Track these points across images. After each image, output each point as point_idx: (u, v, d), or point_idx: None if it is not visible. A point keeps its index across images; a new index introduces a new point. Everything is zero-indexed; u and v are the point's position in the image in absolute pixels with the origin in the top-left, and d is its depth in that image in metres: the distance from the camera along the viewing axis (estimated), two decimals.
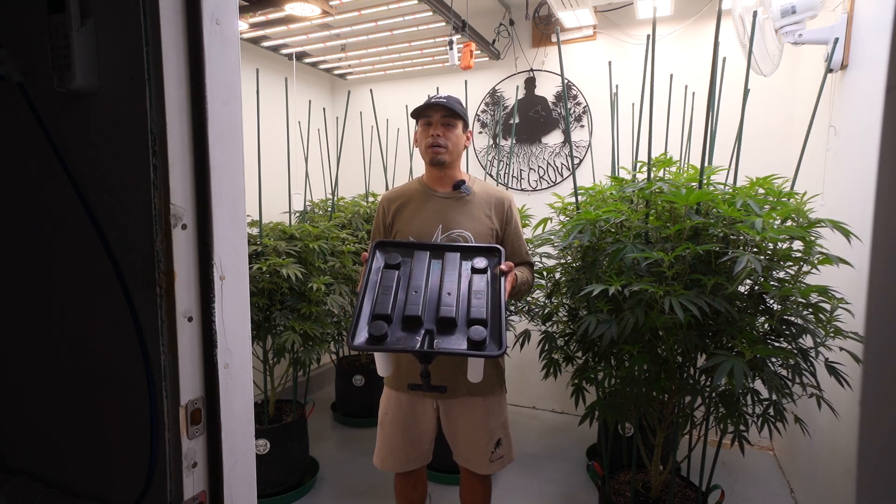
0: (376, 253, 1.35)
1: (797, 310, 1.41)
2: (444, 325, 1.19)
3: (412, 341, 1.16)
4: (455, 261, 1.33)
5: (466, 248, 1.38)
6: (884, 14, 1.66)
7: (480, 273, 1.31)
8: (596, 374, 1.72)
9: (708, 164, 1.54)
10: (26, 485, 0.81)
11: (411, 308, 1.20)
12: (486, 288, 1.27)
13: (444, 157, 1.53)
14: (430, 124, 1.53)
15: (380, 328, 1.16)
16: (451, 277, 1.28)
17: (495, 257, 1.35)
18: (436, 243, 1.45)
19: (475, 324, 1.17)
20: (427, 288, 1.26)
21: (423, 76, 3.58)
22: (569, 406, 3.16)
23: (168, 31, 0.66)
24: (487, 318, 1.19)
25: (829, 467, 1.87)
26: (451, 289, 1.25)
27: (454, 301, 1.22)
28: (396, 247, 1.38)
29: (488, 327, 1.17)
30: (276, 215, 2.82)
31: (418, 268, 1.31)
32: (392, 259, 1.33)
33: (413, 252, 1.36)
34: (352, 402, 3.09)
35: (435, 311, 1.21)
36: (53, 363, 0.81)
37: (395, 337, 1.17)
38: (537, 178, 3.30)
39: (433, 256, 1.35)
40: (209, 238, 0.71)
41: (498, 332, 1.17)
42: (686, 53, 2.81)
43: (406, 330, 1.19)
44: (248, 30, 2.71)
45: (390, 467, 1.62)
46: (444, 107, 1.51)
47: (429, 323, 1.20)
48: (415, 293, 1.24)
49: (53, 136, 0.73)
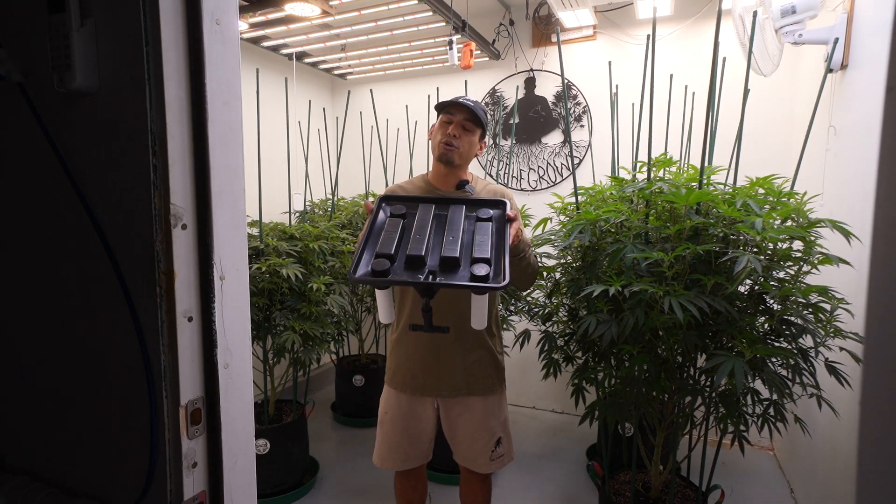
0: (381, 204, 1.34)
1: (797, 310, 1.41)
2: (447, 264, 1.17)
3: (414, 278, 1.15)
4: (460, 211, 1.32)
5: (471, 201, 1.37)
6: (884, 14, 1.66)
7: (485, 221, 1.30)
8: (596, 374, 1.72)
9: (708, 164, 1.54)
10: (26, 485, 0.81)
11: (414, 248, 1.18)
12: (490, 233, 1.25)
13: (453, 157, 1.53)
14: (451, 122, 1.53)
15: (382, 264, 1.14)
16: (456, 225, 1.27)
17: (500, 209, 1.34)
18: (440, 196, 1.44)
19: (478, 262, 1.16)
20: (430, 233, 1.25)
21: (423, 76, 3.58)
22: (569, 406, 3.16)
23: (168, 31, 0.66)
24: (491, 256, 1.18)
25: (829, 467, 1.87)
26: (455, 233, 1.23)
27: (458, 244, 1.21)
28: (401, 200, 1.37)
29: (492, 265, 1.16)
30: (276, 215, 2.82)
31: (422, 216, 1.29)
32: (396, 210, 1.32)
33: (418, 205, 1.35)
34: (352, 402, 3.09)
35: (438, 251, 1.20)
36: (53, 363, 0.81)
37: (396, 275, 1.16)
38: (537, 178, 3.30)
39: (438, 209, 1.34)
40: (209, 238, 0.71)
41: (502, 267, 1.15)
42: (686, 53, 2.81)
43: (409, 268, 1.17)
44: (248, 30, 2.71)
45: (390, 466, 1.62)
46: (469, 109, 1.51)
47: (432, 263, 1.18)
48: (418, 236, 1.22)
49: (53, 136, 0.73)
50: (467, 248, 1.22)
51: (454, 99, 1.54)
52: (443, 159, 1.54)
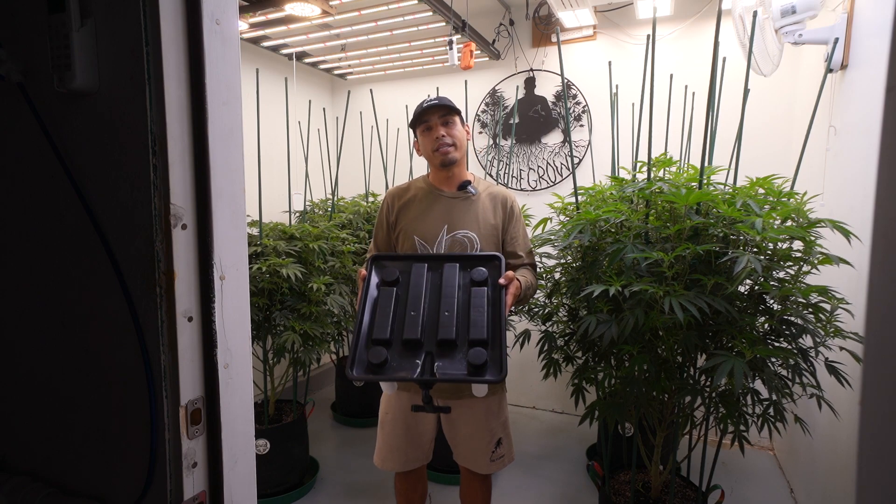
0: (373, 270, 1.33)
1: (797, 310, 1.41)
2: (444, 346, 1.18)
3: (412, 365, 1.15)
4: (454, 272, 1.30)
5: (465, 259, 1.36)
6: (884, 14, 1.66)
7: (480, 285, 1.28)
8: (596, 374, 1.72)
9: (708, 164, 1.54)
10: (26, 485, 0.81)
11: (410, 331, 1.19)
12: (486, 303, 1.24)
13: (454, 155, 1.53)
14: (431, 128, 1.53)
15: (379, 355, 1.14)
16: (450, 292, 1.26)
17: (496, 268, 1.32)
18: (433, 254, 1.44)
19: (475, 345, 1.16)
20: (425, 306, 1.24)
21: (423, 76, 3.58)
22: (569, 406, 3.16)
23: (168, 31, 0.66)
24: (488, 338, 1.18)
25: (829, 467, 1.87)
26: (449, 306, 1.23)
27: (453, 320, 1.20)
28: (393, 260, 1.37)
29: (488, 348, 1.15)
30: (276, 215, 2.82)
31: (416, 283, 1.28)
32: (389, 275, 1.31)
33: (411, 265, 1.33)
34: (352, 402, 3.09)
35: (434, 332, 1.20)
36: (53, 363, 0.81)
37: (394, 361, 1.17)
38: (537, 178, 3.30)
39: (431, 267, 1.33)
40: (209, 238, 0.71)
41: (498, 355, 1.15)
42: (686, 53, 2.81)
43: (406, 352, 1.18)
44: (248, 30, 2.71)
45: (390, 467, 1.63)
46: (439, 107, 1.51)
47: (429, 344, 1.18)
48: (412, 314, 1.22)
49: (53, 136, 0.73)
50: (463, 320, 1.22)
51: (419, 108, 1.54)
52: (445, 163, 1.54)
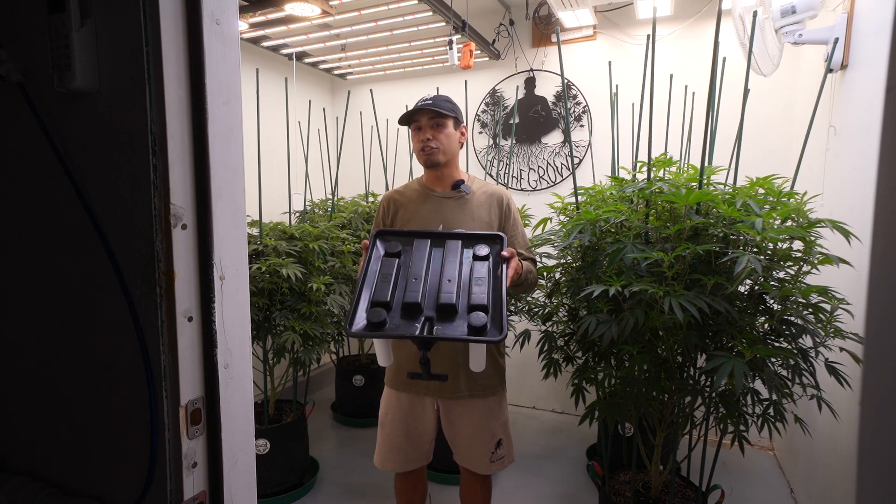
0: (376, 242, 1.33)
1: (797, 310, 1.41)
2: (444, 311, 1.16)
3: (411, 328, 1.13)
4: (456, 248, 1.30)
5: (468, 236, 1.36)
6: (884, 14, 1.66)
7: (482, 260, 1.28)
8: (596, 374, 1.72)
9: (708, 164, 1.54)
10: (26, 485, 0.81)
11: (411, 295, 1.17)
12: (487, 275, 1.24)
13: (437, 158, 1.53)
14: (420, 129, 1.53)
15: (378, 315, 1.12)
16: (452, 265, 1.25)
17: (497, 244, 1.32)
18: (437, 231, 1.43)
19: (476, 310, 1.14)
20: (427, 275, 1.23)
21: (423, 76, 3.58)
22: (569, 406, 3.16)
23: (168, 31, 0.66)
24: (488, 303, 1.16)
25: (829, 467, 1.87)
26: (451, 276, 1.22)
27: (455, 288, 1.19)
28: (397, 235, 1.36)
29: (489, 313, 1.14)
30: (276, 215, 2.82)
31: (418, 256, 1.28)
32: (392, 248, 1.30)
33: (413, 241, 1.33)
34: (352, 402, 3.09)
35: (435, 297, 1.18)
36: (53, 363, 0.81)
37: (393, 324, 1.14)
38: (537, 178, 3.30)
39: (434, 245, 1.32)
40: (209, 238, 0.71)
41: (499, 318, 1.14)
42: (686, 53, 2.81)
43: (405, 317, 1.16)
44: (248, 30, 2.71)
45: (390, 467, 1.63)
46: (428, 109, 1.51)
47: (429, 310, 1.17)
48: (414, 280, 1.21)
49: (53, 136, 0.73)
50: (464, 291, 1.21)
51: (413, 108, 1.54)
52: (428, 164, 1.55)
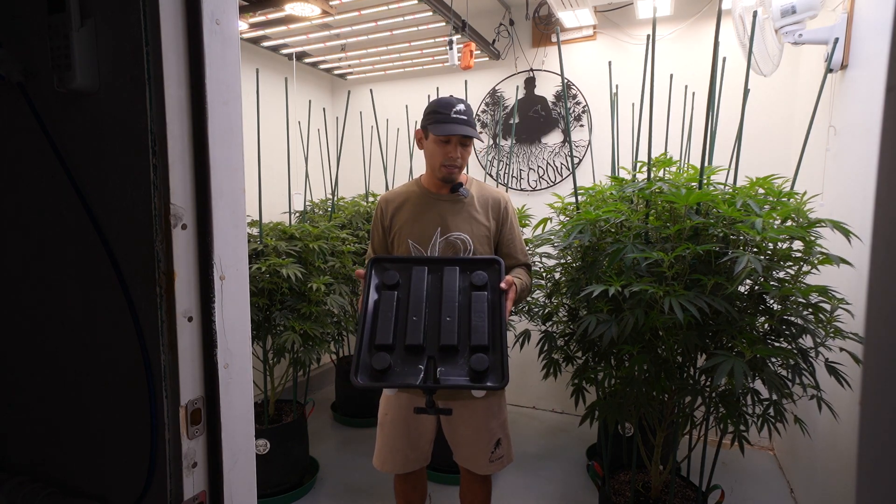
0: (373, 272, 1.34)
1: (797, 310, 1.41)
2: (446, 351, 1.19)
3: (415, 370, 1.17)
4: (454, 276, 1.32)
5: (465, 262, 1.37)
6: (884, 14, 1.66)
7: (479, 290, 1.30)
8: (596, 374, 1.72)
9: (708, 164, 1.54)
10: (26, 485, 0.81)
11: (412, 337, 1.21)
12: (486, 308, 1.26)
13: (457, 176, 1.55)
14: (449, 142, 1.51)
15: (382, 361, 1.16)
16: (451, 297, 1.28)
17: (495, 272, 1.34)
18: (433, 257, 1.45)
19: (477, 351, 1.18)
20: (426, 310, 1.26)
21: (423, 76, 3.58)
22: (569, 406, 3.16)
23: (168, 31, 0.66)
24: (489, 343, 1.19)
25: (829, 467, 1.87)
26: (450, 311, 1.25)
27: (454, 326, 1.22)
28: (393, 262, 1.37)
29: (489, 354, 1.17)
30: (276, 215, 2.82)
31: (416, 287, 1.30)
32: (389, 279, 1.32)
33: (411, 268, 1.35)
34: (352, 402, 3.09)
35: (436, 336, 1.22)
36: (53, 363, 0.81)
37: (398, 366, 1.18)
38: (537, 178, 3.30)
39: (431, 271, 1.34)
40: (209, 238, 0.71)
41: (500, 361, 1.17)
42: (686, 53, 2.81)
43: (409, 357, 1.20)
44: (248, 30, 2.71)
45: (390, 469, 1.62)
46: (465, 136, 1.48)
47: (431, 349, 1.20)
48: (414, 319, 1.24)
49: (53, 136, 0.73)
50: (464, 326, 1.23)
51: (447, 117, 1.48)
52: (446, 180, 1.55)
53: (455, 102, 1.52)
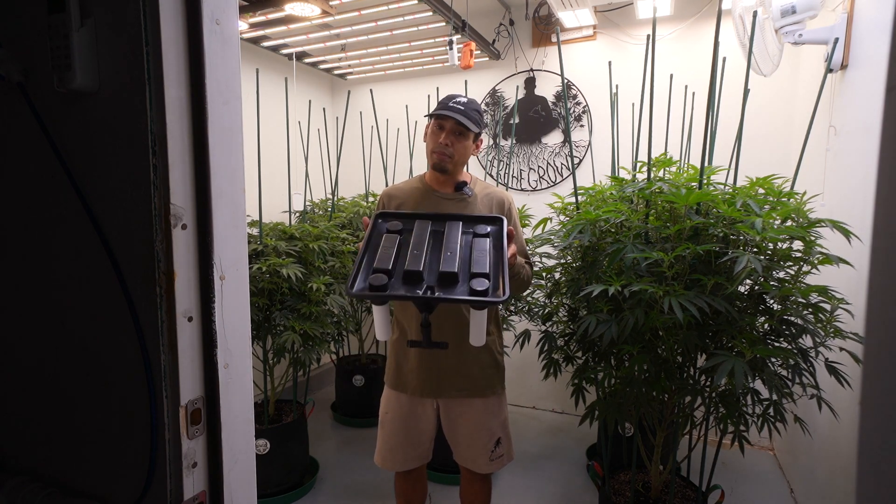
0: (378, 220, 1.33)
1: (797, 310, 1.41)
2: (445, 280, 1.16)
3: (412, 293, 1.13)
4: (457, 226, 1.31)
5: (468, 218, 1.36)
6: (884, 14, 1.66)
7: (483, 237, 1.28)
8: (596, 374, 1.72)
9: (708, 164, 1.54)
10: (26, 485, 0.81)
11: (412, 263, 1.17)
12: (488, 248, 1.24)
13: (447, 166, 1.53)
14: (442, 129, 1.52)
15: (379, 279, 1.13)
16: (453, 239, 1.26)
17: (497, 226, 1.33)
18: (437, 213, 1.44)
19: (477, 277, 1.15)
20: (428, 248, 1.24)
21: (423, 76, 3.58)
22: (569, 406, 3.16)
23: (168, 31, 0.66)
24: (490, 271, 1.16)
25: (829, 467, 1.87)
26: (452, 249, 1.22)
27: (455, 258, 1.19)
28: (398, 217, 1.36)
29: (491, 279, 1.14)
30: (276, 215, 2.82)
31: (419, 233, 1.28)
32: (393, 226, 1.31)
33: (415, 221, 1.33)
34: (352, 402, 3.09)
35: (436, 269, 1.18)
36: (53, 363, 0.81)
37: (394, 289, 1.15)
38: (537, 178, 3.30)
39: (435, 225, 1.33)
40: (209, 238, 0.71)
41: (500, 282, 1.14)
42: (686, 53, 2.81)
43: (406, 284, 1.16)
44: (248, 30, 2.71)
45: (390, 466, 1.63)
46: (458, 121, 1.48)
47: (430, 279, 1.17)
48: (415, 252, 1.21)
49: (53, 136, 0.73)
50: (465, 263, 1.20)
51: (445, 104, 1.51)
52: (437, 168, 1.54)
53: (459, 96, 1.54)
